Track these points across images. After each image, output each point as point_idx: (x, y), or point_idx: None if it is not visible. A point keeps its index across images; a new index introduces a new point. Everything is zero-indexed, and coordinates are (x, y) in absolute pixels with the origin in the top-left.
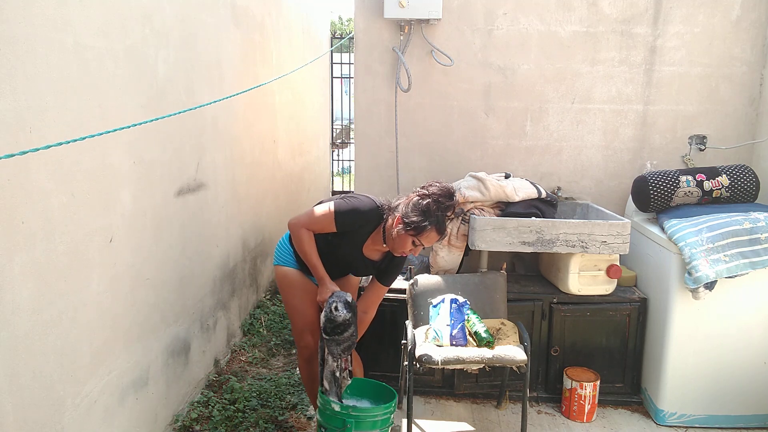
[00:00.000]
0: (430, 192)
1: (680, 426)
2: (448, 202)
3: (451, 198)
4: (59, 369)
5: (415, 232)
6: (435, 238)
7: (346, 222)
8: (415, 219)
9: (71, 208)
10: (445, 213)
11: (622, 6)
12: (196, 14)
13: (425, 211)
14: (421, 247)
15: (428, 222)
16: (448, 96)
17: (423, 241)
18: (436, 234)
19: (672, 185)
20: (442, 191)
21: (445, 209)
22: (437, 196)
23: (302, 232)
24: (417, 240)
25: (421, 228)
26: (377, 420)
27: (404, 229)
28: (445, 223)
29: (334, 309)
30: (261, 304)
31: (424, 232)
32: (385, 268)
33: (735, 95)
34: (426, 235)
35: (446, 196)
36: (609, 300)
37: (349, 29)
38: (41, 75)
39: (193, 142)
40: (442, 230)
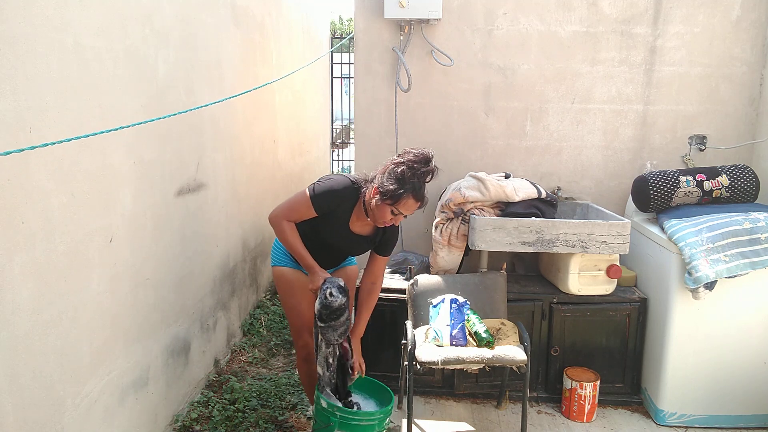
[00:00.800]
0: (405, 159)
1: (680, 426)
2: (424, 167)
3: (428, 163)
4: (59, 369)
5: (392, 201)
6: (413, 206)
7: (323, 203)
8: (391, 187)
9: (71, 208)
10: (423, 179)
11: (622, 6)
12: (196, 14)
13: (400, 178)
14: (401, 216)
15: (404, 189)
16: (448, 96)
17: (401, 210)
18: (414, 201)
19: (672, 185)
20: (418, 157)
21: (422, 175)
22: (412, 163)
23: (282, 224)
24: (395, 209)
25: (398, 196)
26: (362, 425)
27: (381, 199)
28: (422, 189)
29: (329, 294)
30: (261, 304)
31: (401, 200)
32: (380, 241)
33: (735, 95)
34: (403, 203)
35: (422, 162)
36: (609, 300)
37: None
38: (41, 75)
39: (193, 142)
40: (420, 197)
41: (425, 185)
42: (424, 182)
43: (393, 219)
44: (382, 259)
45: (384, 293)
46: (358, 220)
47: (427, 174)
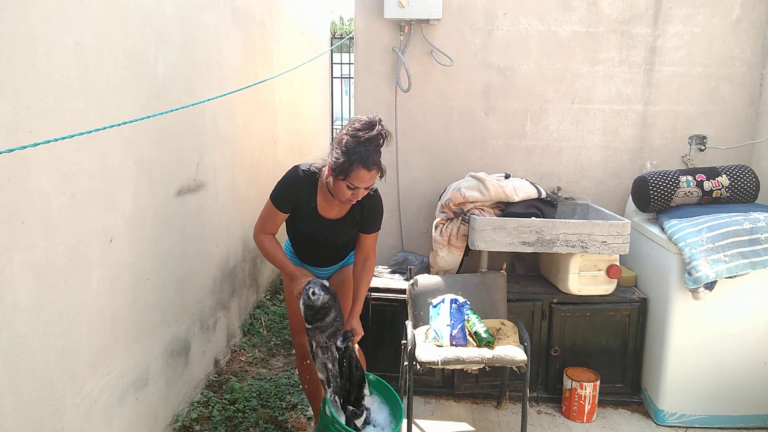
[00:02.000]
0: (349, 129)
1: (680, 426)
2: (368, 132)
3: (372, 127)
4: (59, 369)
5: (343, 176)
6: (366, 176)
7: (281, 200)
8: (339, 161)
9: (71, 208)
10: (370, 146)
11: (622, 6)
12: (196, 14)
13: (345, 150)
14: (361, 190)
15: (351, 160)
16: (448, 96)
17: (354, 183)
18: (365, 170)
19: (672, 185)
20: (361, 124)
21: (367, 142)
22: (356, 131)
23: (261, 239)
24: (349, 183)
25: (346, 169)
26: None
27: (333, 176)
28: (372, 156)
29: (311, 294)
30: (261, 304)
31: (351, 172)
32: (361, 219)
33: (735, 95)
34: (354, 175)
35: (365, 128)
36: (609, 300)
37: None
38: (41, 75)
39: (193, 142)
40: (370, 164)
41: (378, 151)
42: (374, 149)
43: (353, 194)
44: (371, 236)
45: (384, 293)
46: (327, 204)
47: (373, 140)
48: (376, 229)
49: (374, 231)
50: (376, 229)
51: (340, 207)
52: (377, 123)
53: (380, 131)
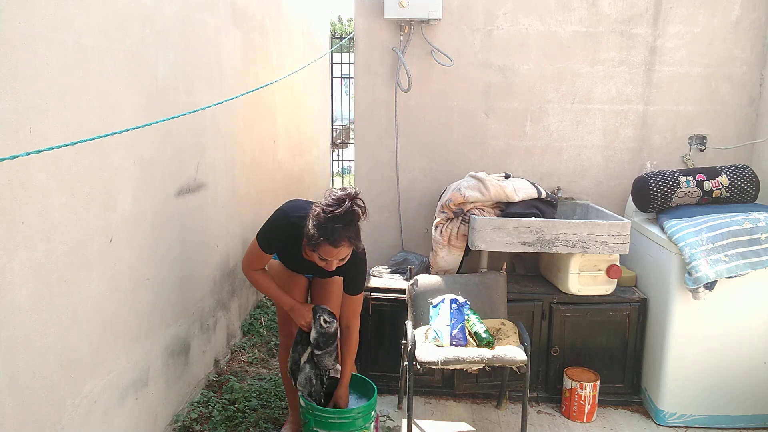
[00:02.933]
0: (322, 202)
1: (680, 426)
2: (335, 210)
3: (340, 205)
4: (59, 369)
5: (312, 248)
6: (333, 251)
7: (267, 244)
8: (310, 234)
9: (71, 208)
10: (338, 223)
11: (622, 6)
12: (196, 14)
13: (316, 224)
14: (334, 261)
15: (318, 235)
16: (448, 96)
17: (324, 256)
18: (330, 247)
19: (672, 185)
20: (332, 199)
21: (334, 219)
22: (326, 205)
23: (251, 275)
24: (320, 255)
25: (314, 242)
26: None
27: (306, 245)
28: (340, 233)
29: (324, 322)
30: (261, 304)
31: (319, 247)
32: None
33: (735, 95)
34: (322, 249)
35: (334, 204)
36: (609, 300)
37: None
38: (41, 75)
39: (193, 142)
40: (335, 241)
41: (351, 227)
42: (345, 225)
43: (326, 264)
44: (354, 299)
45: (384, 293)
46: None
47: (341, 217)
48: (358, 291)
49: (356, 293)
50: (358, 291)
51: None
52: (347, 199)
53: (348, 209)
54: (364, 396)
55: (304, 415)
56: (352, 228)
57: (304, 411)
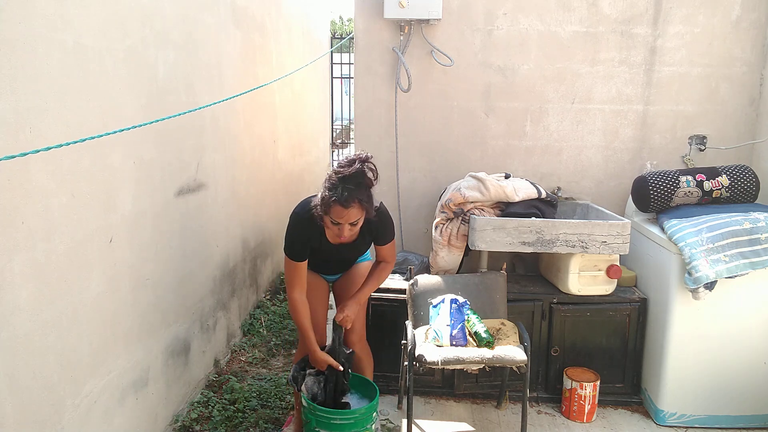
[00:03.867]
0: (335, 166)
1: (680, 426)
2: (347, 170)
3: (350, 165)
4: (59, 369)
5: (324, 211)
6: (344, 212)
7: (297, 251)
8: (322, 196)
9: (71, 208)
10: (349, 183)
11: (622, 6)
12: (196, 14)
13: (328, 186)
14: (345, 226)
15: (330, 196)
16: (448, 96)
17: (335, 219)
18: (341, 208)
19: (672, 185)
20: (345, 160)
21: (346, 179)
22: (339, 167)
23: (295, 303)
24: (331, 218)
25: (326, 204)
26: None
27: (318, 212)
28: (351, 194)
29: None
30: (261, 304)
31: (330, 209)
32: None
33: (735, 95)
34: (333, 211)
35: (345, 165)
36: (609, 300)
37: (349, 29)
38: (41, 75)
39: (193, 142)
40: (345, 201)
41: (363, 189)
42: (356, 186)
43: (338, 230)
44: (386, 247)
45: (384, 293)
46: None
47: (352, 177)
48: (389, 239)
49: (388, 241)
50: (389, 239)
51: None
52: (358, 161)
53: (359, 170)
54: (365, 397)
55: (306, 415)
56: (363, 191)
57: (306, 411)
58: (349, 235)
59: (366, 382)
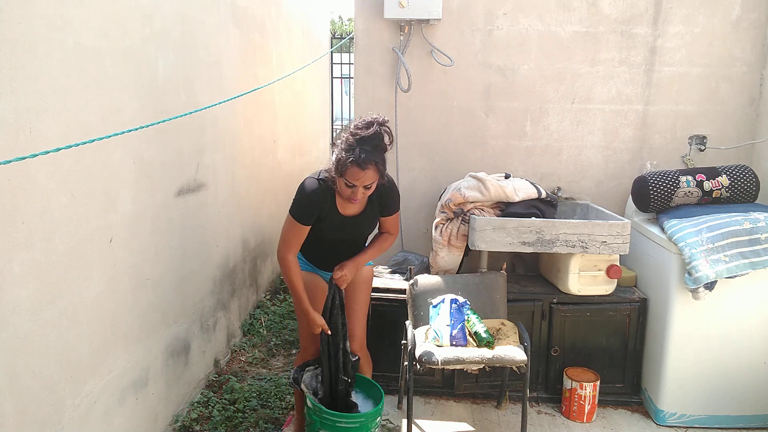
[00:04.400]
0: (350, 128)
1: (680, 426)
2: (365, 131)
3: (368, 127)
4: (59, 369)
5: (340, 173)
6: (360, 174)
7: (306, 214)
8: (338, 158)
9: (71, 208)
10: (366, 145)
11: (622, 6)
12: (196, 14)
13: (344, 148)
14: (359, 188)
15: (346, 157)
16: (448, 96)
17: (351, 180)
18: (358, 168)
19: (672, 185)
20: (361, 123)
21: (363, 141)
22: (355, 128)
23: (286, 262)
24: (346, 180)
25: (342, 166)
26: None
27: (335, 173)
28: (367, 155)
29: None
30: (261, 304)
31: (346, 170)
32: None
33: (735, 95)
34: (349, 173)
35: (362, 127)
36: (609, 300)
37: (349, 29)
38: (41, 75)
39: (193, 142)
40: (362, 163)
41: (378, 151)
42: (372, 148)
43: (352, 192)
44: (391, 219)
45: (384, 293)
46: (345, 202)
47: (369, 139)
48: (395, 210)
49: (394, 213)
50: (395, 210)
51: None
52: (376, 123)
53: (377, 131)
54: (370, 397)
55: (311, 416)
56: (379, 154)
57: (311, 412)
58: (361, 198)
59: (369, 383)
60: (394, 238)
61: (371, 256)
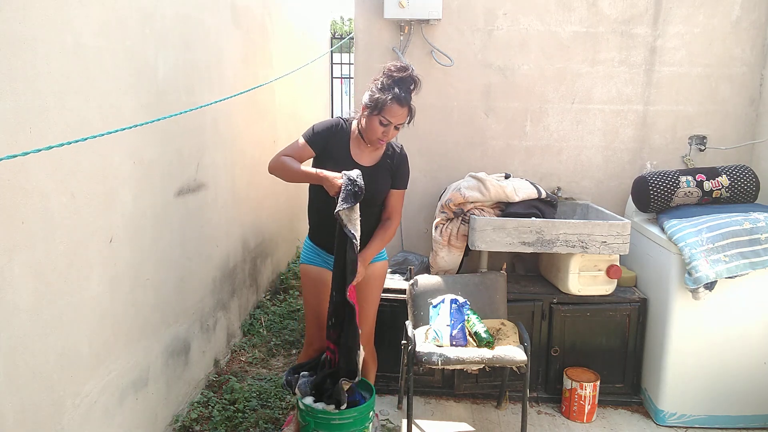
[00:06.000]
0: (384, 71)
1: (680, 426)
2: (402, 73)
3: (404, 70)
4: (59, 369)
5: (378, 111)
6: (399, 111)
7: (317, 137)
8: (375, 96)
9: (71, 208)
10: (403, 86)
11: (622, 6)
12: (196, 14)
13: (381, 87)
14: (391, 127)
15: (386, 96)
16: (448, 96)
17: (388, 118)
18: (398, 106)
19: (672, 185)
20: (396, 67)
21: (401, 82)
22: (390, 72)
23: (280, 159)
24: (383, 118)
25: (381, 103)
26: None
27: (369, 112)
28: (405, 96)
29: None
30: (261, 304)
31: (385, 107)
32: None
33: (735, 95)
34: (388, 110)
35: (399, 70)
36: (609, 300)
37: (349, 29)
38: (41, 75)
39: (193, 142)
40: (403, 101)
41: (410, 94)
42: (407, 90)
43: (384, 131)
44: (397, 194)
45: (384, 293)
46: (360, 150)
47: (406, 81)
48: (404, 185)
49: (402, 187)
50: (404, 185)
51: (372, 153)
52: (410, 68)
53: (411, 74)
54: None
55: (304, 418)
56: (411, 96)
57: (304, 413)
58: (391, 138)
59: (362, 381)
60: (395, 226)
61: (376, 248)
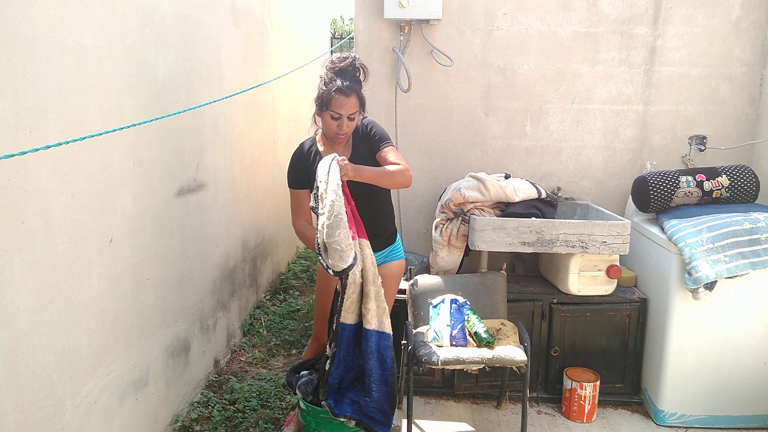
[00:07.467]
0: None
1: (680, 426)
2: (342, 63)
3: (345, 59)
4: (59, 369)
5: (326, 106)
6: (344, 102)
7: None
8: (319, 92)
9: (71, 208)
10: (345, 76)
11: (622, 6)
12: (195, 14)
13: (325, 82)
14: (344, 119)
15: (329, 89)
16: (448, 96)
17: (337, 110)
18: (344, 97)
19: (672, 185)
20: (337, 58)
21: (342, 72)
22: (332, 64)
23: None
24: (332, 112)
25: (327, 97)
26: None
27: (318, 111)
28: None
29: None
30: (261, 304)
31: (331, 101)
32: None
33: (735, 95)
34: (334, 102)
35: (340, 60)
36: (609, 300)
37: (349, 29)
38: (41, 75)
39: (193, 142)
40: (346, 90)
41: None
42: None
43: (338, 125)
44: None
45: None
46: (330, 148)
47: (348, 70)
48: (386, 141)
49: (386, 143)
50: (386, 141)
51: (343, 146)
52: (351, 56)
53: (354, 62)
54: None
55: (305, 418)
56: (358, 85)
57: (305, 413)
58: (347, 132)
59: None
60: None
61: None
